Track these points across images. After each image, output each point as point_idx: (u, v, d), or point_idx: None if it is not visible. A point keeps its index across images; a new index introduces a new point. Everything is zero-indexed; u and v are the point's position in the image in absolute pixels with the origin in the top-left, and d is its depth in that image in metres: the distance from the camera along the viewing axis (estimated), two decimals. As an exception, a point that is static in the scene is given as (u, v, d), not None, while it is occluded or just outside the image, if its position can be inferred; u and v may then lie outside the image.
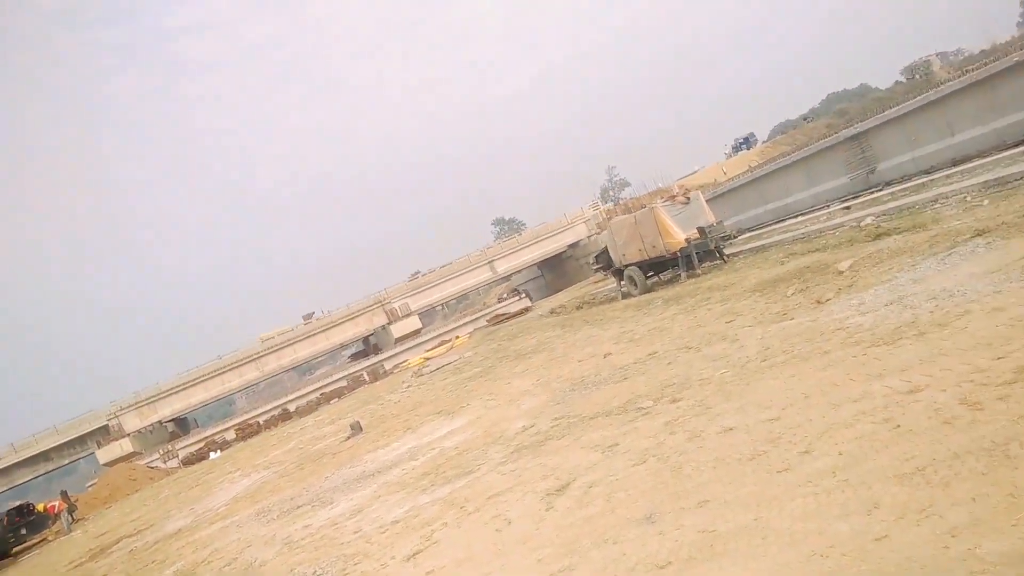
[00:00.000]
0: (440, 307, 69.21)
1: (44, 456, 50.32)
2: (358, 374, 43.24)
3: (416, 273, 61.57)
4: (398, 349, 46.64)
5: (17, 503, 26.31)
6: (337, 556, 6.96)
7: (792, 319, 9.07)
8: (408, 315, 51.25)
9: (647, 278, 20.76)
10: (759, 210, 27.74)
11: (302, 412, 37.77)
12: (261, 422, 40.40)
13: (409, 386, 22.72)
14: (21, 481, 49.37)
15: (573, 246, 55.01)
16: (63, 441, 50.78)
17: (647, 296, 18.79)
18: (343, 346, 58.93)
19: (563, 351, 14.81)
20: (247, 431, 38.93)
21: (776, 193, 27.09)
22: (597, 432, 7.48)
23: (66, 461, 50.26)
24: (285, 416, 39.32)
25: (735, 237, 20.76)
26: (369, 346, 57.78)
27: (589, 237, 52.96)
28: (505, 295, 52.67)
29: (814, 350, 7.19)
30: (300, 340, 53.16)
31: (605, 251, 23.73)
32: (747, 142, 75.69)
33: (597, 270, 26.74)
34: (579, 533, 5.08)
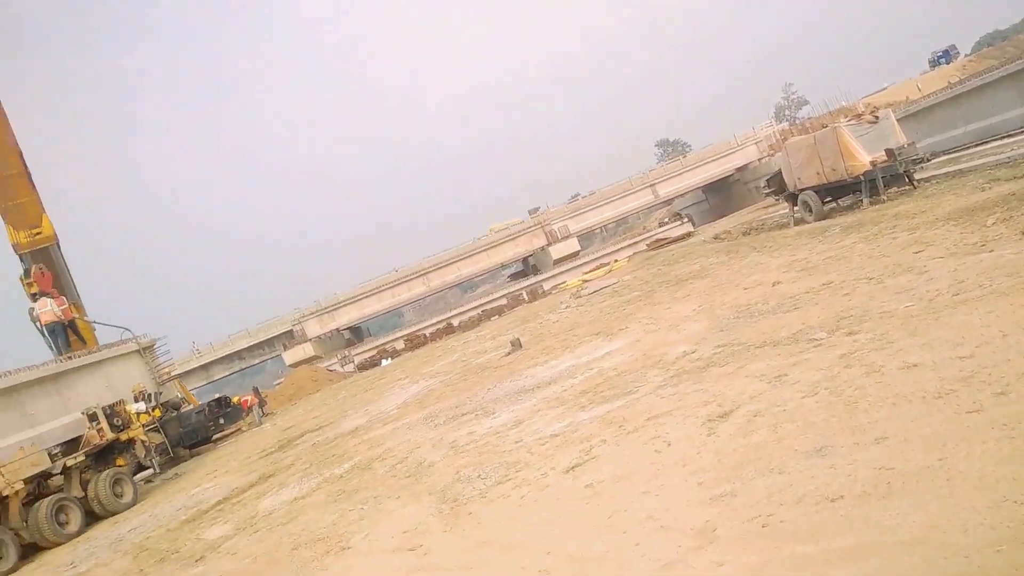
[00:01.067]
0: (599, 230, 68.83)
1: (238, 355, 55.90)
2: (517, 293, 44.24)
3: (575, 195, 61.40)
4: (556, 271, 47.07)
5: (216, 396, 29.52)
6: (499, 463, 7.29)
7: (991, 251, 8.22)
8: (567, 237, 51.37)
9: (824, 204, 19.48)
10: (957, 131, 25.00)
11: (465, 327, 39.38)
12: (427, 334, 42.55)
13: (567, 307, 22.98)
14: (218, 377, 55.29)
15: (741, 169, 52.42)
16: (254, 343, 56.04)
17: (823, 223, 17.67)
18: (503, 266, 60.29)
19: (727, 278, 14.33)
20: (414, 342, 41.17)
21: (980, 112, 24.23)
22: (763, 361, 7.23)
23: (256, 361, 55.56)
24: (449, 330, 41.15)
25: (928, 161, 18.89)
26: (528, 266, 58.78)
27: (760, 160, 50.17)
28: (666, 219, 51.48)
29: (1016, 285, 6.49)
30: (463, 258, 54.85)
31: (778, 174, 22.44)
32: (946, 55, 67.68)
33: (768, 195, 25.39)
34: (742, 460, 4.99)
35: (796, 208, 20.81)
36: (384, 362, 37.38)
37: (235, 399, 27.73)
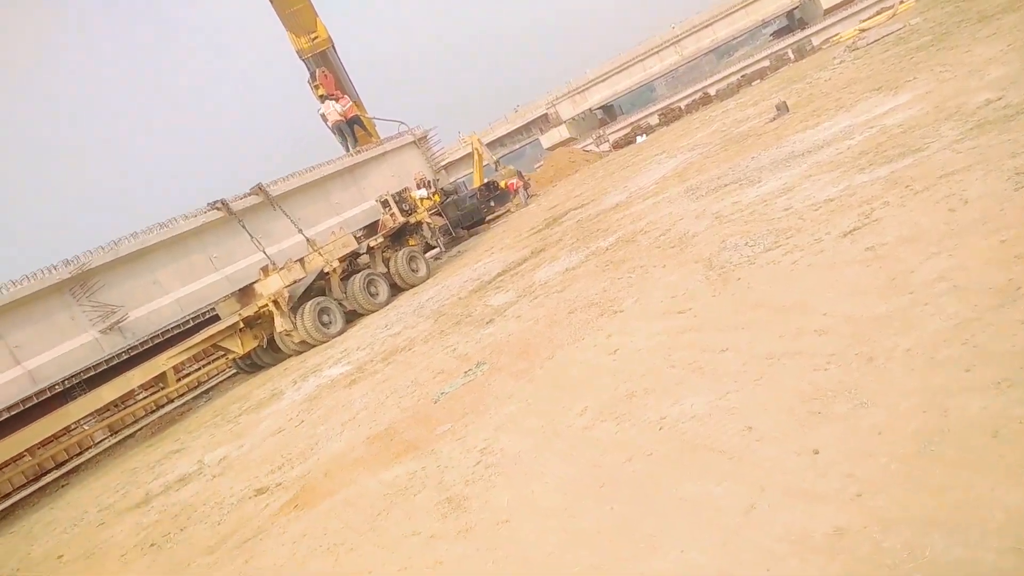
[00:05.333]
0: (881, -32, 59.09)
1: (499, 142, 58.36)
2: (781, 52, 40.41)
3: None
4: (828, 22, 41.90)
5: (486, 180, 31.45)
6: (768, 230, 7.14)
7: None
8: (841, -19, 45.00)
9: None
10: None
11: (722, 95, 37.19)
12: (682, 107, 40.97)
13: (841, 61, 20.60)
14: (484, 163, 58.62)
15: None
16: (513, 128, 57.95)
17: None
18: (764, 23, 54.83)
19: (1053, 6, 11.82)
20: (669, 116, 39.94)
21: None
22: (1097, 102, 6.08)
23: (516, 146, 57.74)
24: (705, 100, 39.19)
25: None
26: (794, 21, 52.80)
27: None
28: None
29: None
30: (718, 19, 50.69)
31: None
32: None
33: None
34: (1059, 215, 4.42)
35: None
36: (639, 139, 36.95)
37: (502, 183, 29.40)
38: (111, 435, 18.34)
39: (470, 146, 33.15)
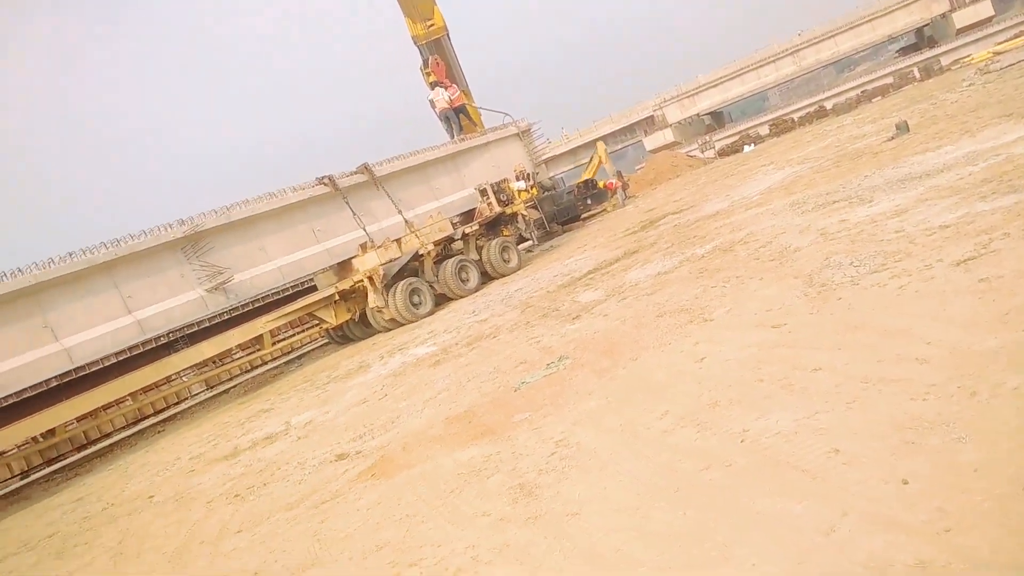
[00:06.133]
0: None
1: (602, 140, 57.99)
2: (906, 70, 38.64)
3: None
4: (959, 42, 39.77)
5: (584, 178, 31.39)
6: (876, 251, 6.87)
7: None
8: (976, 0, 42.48)
9: None
10: None
11: (839, 110, 35.87)
12: (795, 119, 39.71)
13: (971, 84, 19.54)
14: (584, 161, 58.37)
15: None
16: (616, 128, 57.49)
17: None
18: (890, 39, 52.41)
19: None
20: (780, 127, 38.80)
21: None
22: None
23: (619, 146, 57.28)
24: (820, 113, 37.88)
25: None
26: (923, 39, 50.23)
27: None
28: None
29: None
30: (842, 31, 48.82)
31: None
32: None
33: None
34: None
35: None
36: (746, 148, 36.07)
37: (600, 183, 29.27)
38: (207, 389, 19.34)
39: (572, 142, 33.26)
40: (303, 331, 20.74)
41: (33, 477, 15.44)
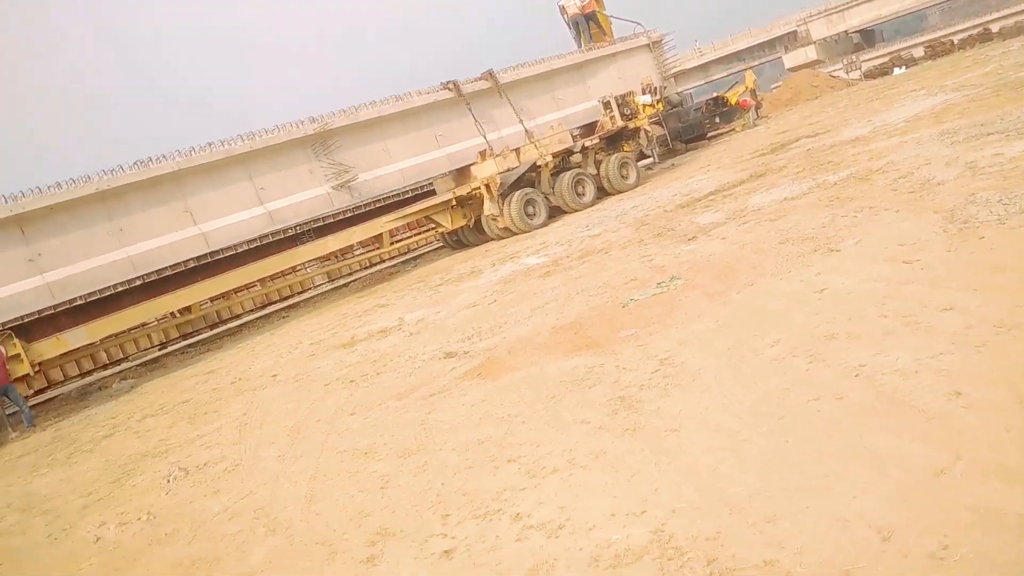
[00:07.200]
0: None
1: (737, 56, 55.06)
2: (1099, -10, 34.19)
3: None
4: None
5: (714, 94, 29.99)
6: (1030, 189, 6.30)
7: None
8: None
9: None
10: None
11: (1006, 34, 32.43)
12: (955, 41, 36.23)
13: None
14: (716, 77, 55.64)
15: None
16: (755, 43, 54.31)
17: None
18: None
19: None
20: (937, 50, 35.57)
21: None
22: None
23: (756, 63, 54.08)
24: (985, 37, 34.40)
25: None
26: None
27: None
28: None
29: None
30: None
31: None
32: None
33: None
34: None
35: None
36: (896, 71, 33.31)
37: (731, 100, 27.94)
38: (328, 281, 20.34)
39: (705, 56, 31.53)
40: (420, 233, 21.30)
41: (170, 349, 16.90)
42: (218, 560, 4.52)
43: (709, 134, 26.77)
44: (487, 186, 16.77)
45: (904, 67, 33.67)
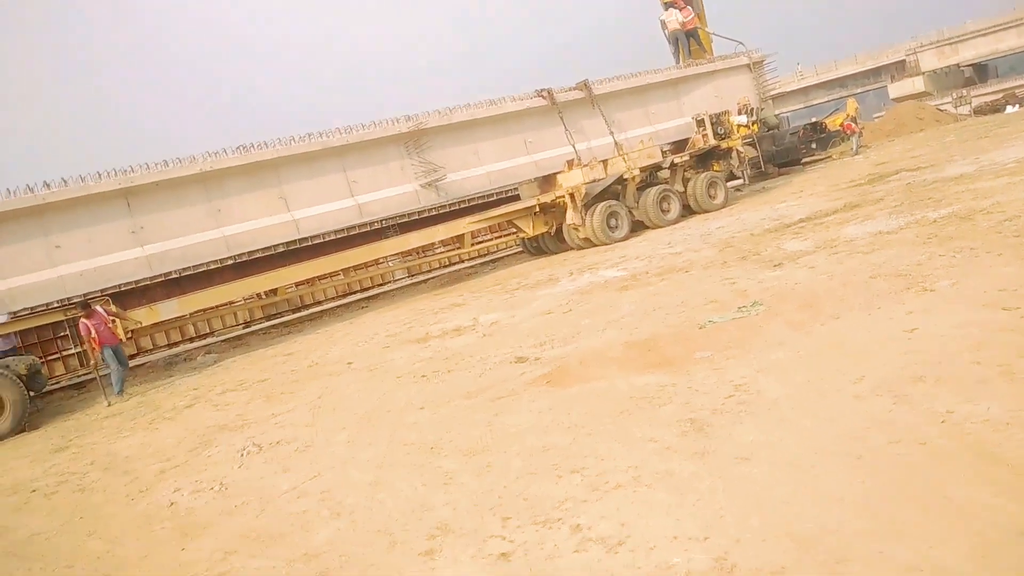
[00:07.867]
0: None
1: (839, 83, 53.46)
2: None
3: None
4: None
5: (812, 120, 29.17)
6: None
7: None
8: None
9: None
10: None
11: None
12: (1080, 81, 34.24)
13: None
14: (816, 102, 54.13)
15: None
16: (859, 70, 52.62)
17: None
18: None
19: None
20: (1059, 89, 33.66)
21: None
22: None
23: (859, 90, 52.41)
24: (1115, 78, 32.32)
25: None
26: None
27: None
28: None
29: None
30: None
31: None
32: None
33: None
34: None
35: None
36: (1009, 108, 31.77)
37: (831, 126, 27.16)
38: (408, 276, 20.73)
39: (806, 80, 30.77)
40: (500, 237, 21.46)
41: (253, 328, 17.54)
42: (283, 536, 4.67)
43: (804, 160, 26.06)
44: (571, 195, 16.79)
45: (1017, 105, 32.04)
